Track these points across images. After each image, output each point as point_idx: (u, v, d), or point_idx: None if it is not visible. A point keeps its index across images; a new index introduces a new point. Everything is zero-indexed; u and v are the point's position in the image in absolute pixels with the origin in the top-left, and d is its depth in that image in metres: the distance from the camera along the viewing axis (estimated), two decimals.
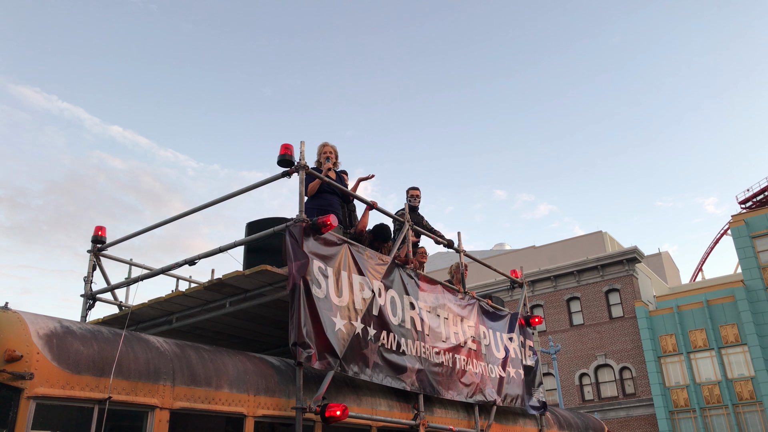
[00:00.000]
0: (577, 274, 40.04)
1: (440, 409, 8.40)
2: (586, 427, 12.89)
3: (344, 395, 6.85)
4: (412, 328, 8.00)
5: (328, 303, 6.67)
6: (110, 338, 5.14)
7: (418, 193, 10.26)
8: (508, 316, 10.70)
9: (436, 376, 8.20)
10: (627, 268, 38.73)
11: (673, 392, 35.74)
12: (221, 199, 7.91)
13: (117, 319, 8.13)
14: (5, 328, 4.52)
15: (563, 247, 44.47)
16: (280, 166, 7.27)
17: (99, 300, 8.80)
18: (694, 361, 35.80)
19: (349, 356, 6.72)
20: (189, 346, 5.88)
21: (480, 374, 9.25)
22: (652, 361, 36.21)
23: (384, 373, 7.24)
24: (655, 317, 37.40)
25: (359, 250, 7.53)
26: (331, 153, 8.34)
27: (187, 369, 5.48)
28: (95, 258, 8.73)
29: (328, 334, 6.49)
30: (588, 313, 39.31)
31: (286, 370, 6.48)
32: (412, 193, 10.20)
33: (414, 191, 10.25)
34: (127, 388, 4.96)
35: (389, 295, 7.79)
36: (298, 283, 6.36)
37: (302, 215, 6.75)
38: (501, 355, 10.09)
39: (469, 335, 9.29)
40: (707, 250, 57.92)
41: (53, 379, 4.51)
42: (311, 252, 6.66)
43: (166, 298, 7.45)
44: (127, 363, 5.04)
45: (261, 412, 5.90)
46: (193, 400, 5.39)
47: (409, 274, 8.36)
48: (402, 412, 7.61)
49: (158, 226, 8.59)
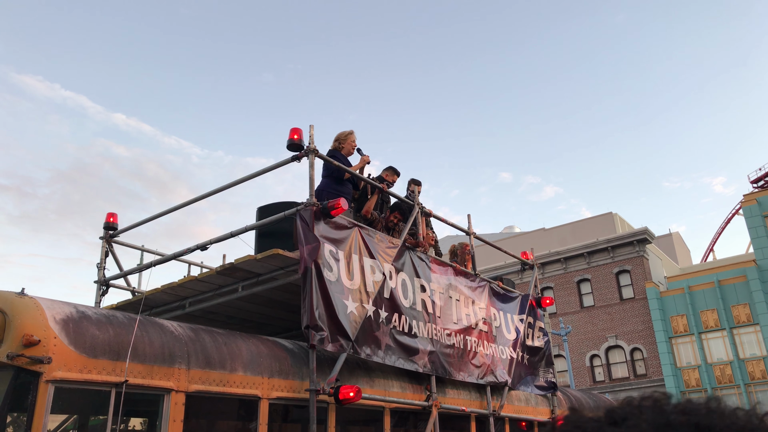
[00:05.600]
0: (587, 256, 39.95)
1: (452, 390, 8.46)
2: (598, 408, 12.94)
3: (357, 377, 6.90)
4: (424, 311, 8.03)
5: (339, 286, 6.71)
6: (125, 323, 5.20)
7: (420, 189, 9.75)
8: (519, 298, 10.72)
9: (448, 357, 8.25)
10: (637, 249, 38.60)
11: (684, 372, 35.74)
12: (231, 185, 7.95)
13: (130, 304, 8.20)
14: (22, 313, 4.58)
15: (573, 229, 44.33)
16: (290, 151, 7.28)
17: (112, 286, 8.88)
18: (706, 342, 35.73)
19: (361, 338, 6.77)
20: (203, 329, 5.94)
21: (491, 355, 9.30)
22: (663, 341, 36.18)
23: (396, 355, 7.29)
24: (666, 298, 37.30)
25: (369, 233, 7.55)
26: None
27: (202, 352, 5.54)
28: (107, 244, 8.80)
29: (340, 316, 6.54)
30: (598, 295, 39.26)
31: (299, 353, 6.54)
32: (411, 189, 9.73)
33: (417, 187, 9.68)
34: (143, 372, 5.02)
35: (400, 278, 7.82)
36: (309, 267, 6.39)
37: (312, 199, 6.77)
38: (512, 336, 10.13)
39: (480, 317, 9.32)
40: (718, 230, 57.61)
41: (71, 363, 4.57)
42: (322, 235, 6.69)
43: (179, 283, 7.51)
44: (143, 347, 5.10)
45: (275, 395, 5.96)
46: (208, 383, 5.46)
47: (419, 257, 8.38)
48: (415, 394, 7.67)
49: (169, 212, 8.65)
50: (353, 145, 8.38)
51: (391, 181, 9.09)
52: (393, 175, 9.20)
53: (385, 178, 9.08)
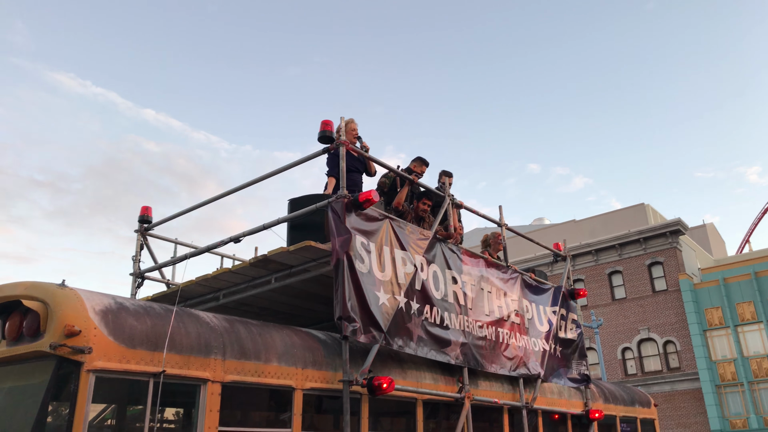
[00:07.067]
0: (618, 248, 39.39)
1: (485, 382, 8.42)
2: (632, 401, 12.77)
3: (389, 368, 6.91)
4: (455, 302, 8.00)
5: (371, 278, 6.71)
6: (162, 314, 5.27)
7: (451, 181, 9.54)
8: (551, 290, 10.62)
9: (480, 349, 8.21)
10: (670, 240, 37.93)
11: (719, 366, 35.08)
12: (262, 178, 8.00)
13: (165, 296, 8.32)
14: (63, 304, 4.67)
15: (604, 221, 43.72)
16: (321, 143, 7.30)
17: (147, 278, 9.02)
18: (742, 335, 35.01)
19: (393, 330, 6.77)
20: (238, 321, 6.00)
21: (523, 347, 9.23)
22: (697, 334, 35.54)
23: (428, 346, 7.28)
24: (700, 290, 36.61)
25: (400, 225, 7.54)
26: (356, 131, 8.35)
27: (237, 343, 5.60)
28: (142, 237, 8.93)
29: (373, 308, 6.55)
30: (630, 287, 38.71)
31: (332, 344, 6.57)
32: (443, 181, 9.58)
33: (449, 178, 9.53)
34: (180, 362, 5.09)
35: (431, 270, 7.80)
36: (341, 259, 6.41)
37: (344, 191, 6.78)
38: (544, 328, 10.04)
39: (512, 309, 9.25)
40: (754, 221, 56.36)
41: (110, 353, 4.66)
42: (353, 227, 6.70)
43: (214, 275, 7.60)
44: (179, 338, 5.17)
45: (309, 385, 6.00)
46: (244, 374, 5.51)
47: (450, 248, 8.35)
48: (447, 386, 7.65)
49: (202, 206, 8.74)
50: (354, 133, 8.27)
51: (420, 172, 9.03)
52: (421, 166, 9.13)
53: (413, 169, 9.03)
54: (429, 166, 9.26)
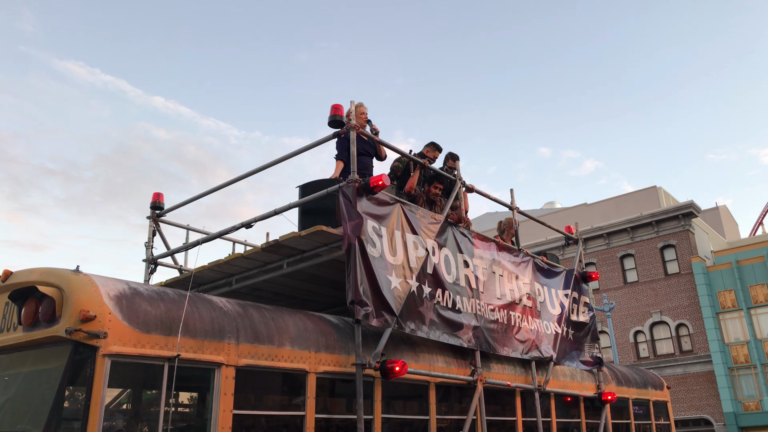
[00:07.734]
0: (630, 231, 39.17)
1: (497, 365, 8.43)
2: (645, 383, 12.76)
3: (402, 352, 6.93)
4: (467, 286, 8.00)
5: (383, 262, 6.72)
6: (176, 299, 5.30)
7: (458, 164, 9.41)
8: (563, 273, 10.58)
9: (492, 332, 8.21)
10: (683, 223, 37.65)
11: (732, 348, 34.94)
12: (272, 163, 7.99)
13: (178, 282, 8.38)
14: (78, 289, 4.71)
15: (616, 204, 43.44)
16: (331, 127, 7.28)
17: (160, 264, 9.07)
18: (755, 317, 34.79)
19: (405, 314, 6.79)
20: (251, 305, 6.03)
21: (535, 330, 9.23)
22: (710, 317, 35.38)
23: (440, 330, 7.29)
24: (713, 273, 36.38)
25: (412, 209, 7.52)
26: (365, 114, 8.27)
27: (250, 327, 5.63)
28: (155, 224, 8.97)
29: (385, 292, 6.56)
30: (642, 270, 38.53)
31: (344, 328, 6.59)
32: (450, 165, 9.54)
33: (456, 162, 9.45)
34: (194, 347, 5.12)
35: (443, 254, 7.79)
36: (353, 243, 6.41)
37: (354, 175, 6.77)
38: (556, 311, 10.02)
39: (524, 292, 9.24)
40: None
41: (125, 338, 4.69)
42: (365, 212, 6.69)
43: (226, 260, 7.63)
44: (193, 322, 5.20)
45: (322, 369, 6.03)
46: (257, 357, 5.55)
47: (462, 232, 8.33)
48: (459, 369, 7.67)
49: (213, 191, 8.75)
50: (364, 117, 8.21)
51: (433, 157, 8.99)
52: (434, 151, 9.10)
53: (426, 154, 9.00)
54: (442, 151, 9.22)
